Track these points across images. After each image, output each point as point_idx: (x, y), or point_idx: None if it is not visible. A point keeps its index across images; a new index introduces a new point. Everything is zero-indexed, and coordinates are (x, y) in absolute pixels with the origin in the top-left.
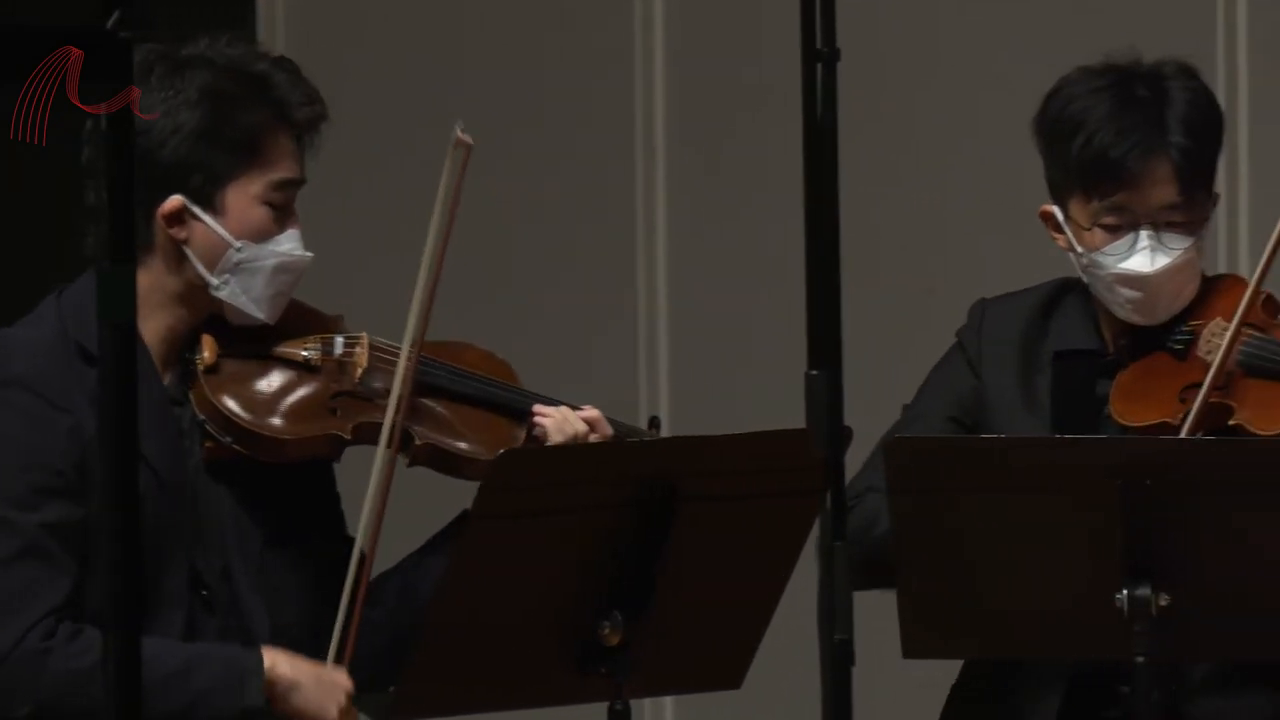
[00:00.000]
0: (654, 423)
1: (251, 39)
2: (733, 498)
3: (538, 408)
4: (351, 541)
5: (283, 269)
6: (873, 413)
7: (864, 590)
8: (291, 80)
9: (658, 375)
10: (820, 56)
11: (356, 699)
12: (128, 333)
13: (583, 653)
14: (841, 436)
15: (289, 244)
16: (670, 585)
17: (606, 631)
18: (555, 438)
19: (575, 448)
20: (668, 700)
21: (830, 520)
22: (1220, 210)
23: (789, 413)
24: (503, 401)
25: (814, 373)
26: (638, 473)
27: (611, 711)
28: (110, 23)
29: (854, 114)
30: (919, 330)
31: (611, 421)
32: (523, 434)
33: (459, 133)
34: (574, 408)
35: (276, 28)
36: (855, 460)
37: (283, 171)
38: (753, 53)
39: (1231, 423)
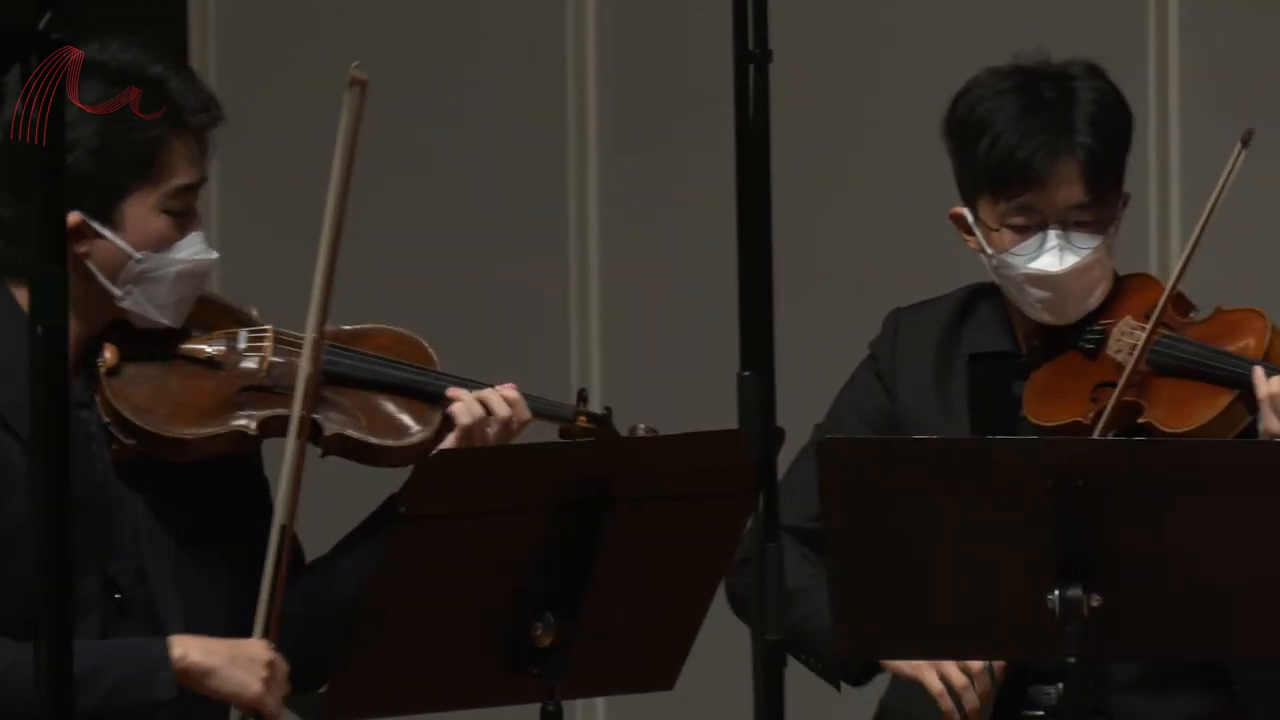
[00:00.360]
0: (582, 396)
1: (182, 38)
2: (665, 499)
3: (451, 391)
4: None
5: (186, 275)
6: (805, 414)
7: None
8: (186, 85)
9: (590, 376)
10: (752, 58)
11: (287, 700)
12: (60, 334)
13: (515, 654)
14: (774, 437)
15: (190, 249)
16: (603, 586)
17: (539, 632)
18: (464, 420)
19: (507, 449)
20: (600, 701)
21: (763, 521)
22: (1152, 211)
23: (722, 414)
24: (414, 386)
25: (746, 373)
26: (571, 474)
27: (544, 712)
28: (42, 24)
29: (786, 115)
30: (851, 331)
31: (533, 399)
32: (437, 417)
33: (354, 70)
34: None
35: (209, 27)
36: (787, 461)
37: (180, 179)
38: (685, 53)
39: (1141, 420)
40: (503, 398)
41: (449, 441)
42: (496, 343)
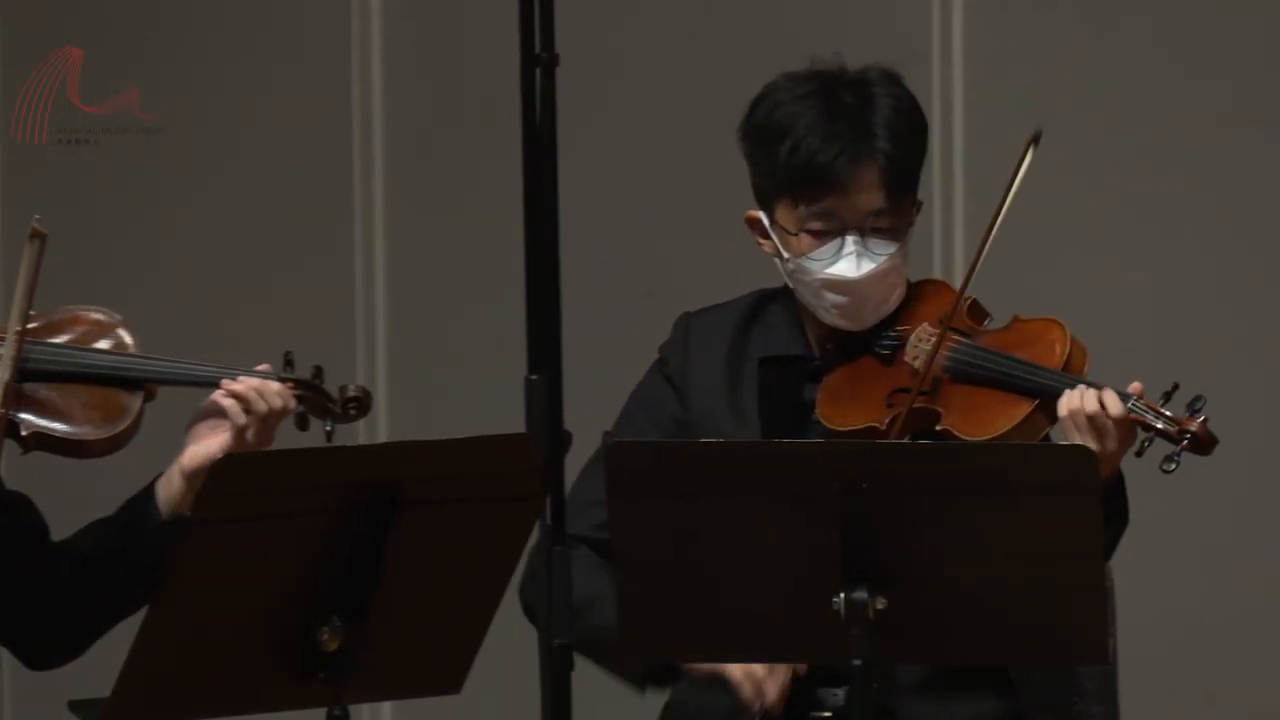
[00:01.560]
0: (288, 360)
1: None
2: (453, 502)
3: (226, 383)
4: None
5: None
6: (592, 417)
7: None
8: None
9: (376, 380)
10: (538, 61)
11: (71, 705)
12: None
13: (301, 658)
14: (561, 441)
15: None
16: (390, 590)
17: (325, 637)
18: (239, 419)
19: (296, 452)
20: (387, 705)
21: (550, 525)
22: (935, 216)
23: (509, 417)
24: (114, 374)
25: (534, 377)
26: (357, 477)
27: (330, 717)
28: None
29: (573, 119)
30: (639, 335)
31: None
32: (138, 403)
33: (35, 223)
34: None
35: None
36: (575, 464)
37: None
38: (472, 56)
39: (939, 428)
40: (266, 390)
41: (225, 439)
42: (281, 345)
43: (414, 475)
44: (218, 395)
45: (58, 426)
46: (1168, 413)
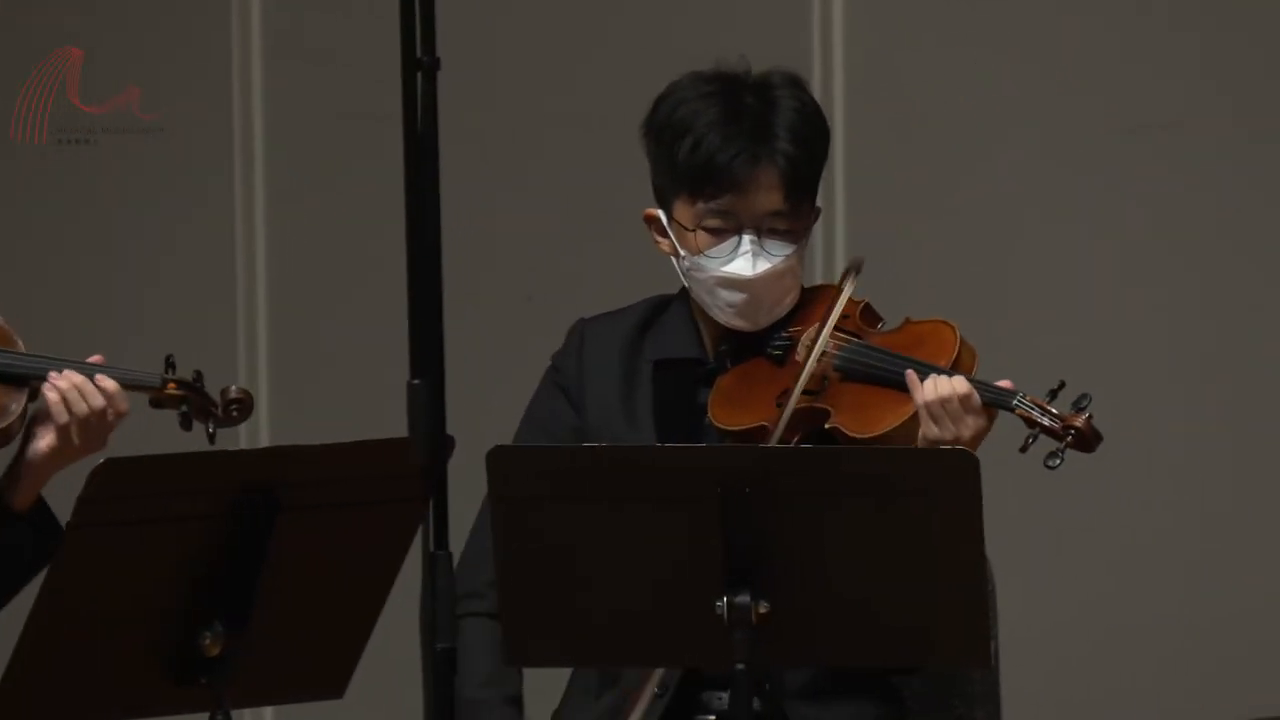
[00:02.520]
0: (170, 362)
1: None
2: (334, 506)
3: (52, 375)
4: None
5: None
6: (475, 421)
7: None
8: None
9: (258, 384)
10: (420, 65)
11: None
12: None
13: (183, 663)
14: (444, 445)
15: None
16: (271, 594)
17: (207, 642)
18: (61, 417)
19: (175, 457)
20: (268, 710)
21: (433, 529)
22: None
23: (392, 422)
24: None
25: (416, 382)
26: (238, 481)
27: None
28: None
29: (454, 122)
30: (521, 339)
31: (118, 370)
32: (22, 400)
33: None
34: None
35: None
36: (457, 468)
37: None
38: (354, 60)
39: (828, 426)
40: (87, 390)
41: (51, 438)
42: (162, 352)
43: (296, 479)
44: (45, 387)
45: None
46: (1053, 409)
